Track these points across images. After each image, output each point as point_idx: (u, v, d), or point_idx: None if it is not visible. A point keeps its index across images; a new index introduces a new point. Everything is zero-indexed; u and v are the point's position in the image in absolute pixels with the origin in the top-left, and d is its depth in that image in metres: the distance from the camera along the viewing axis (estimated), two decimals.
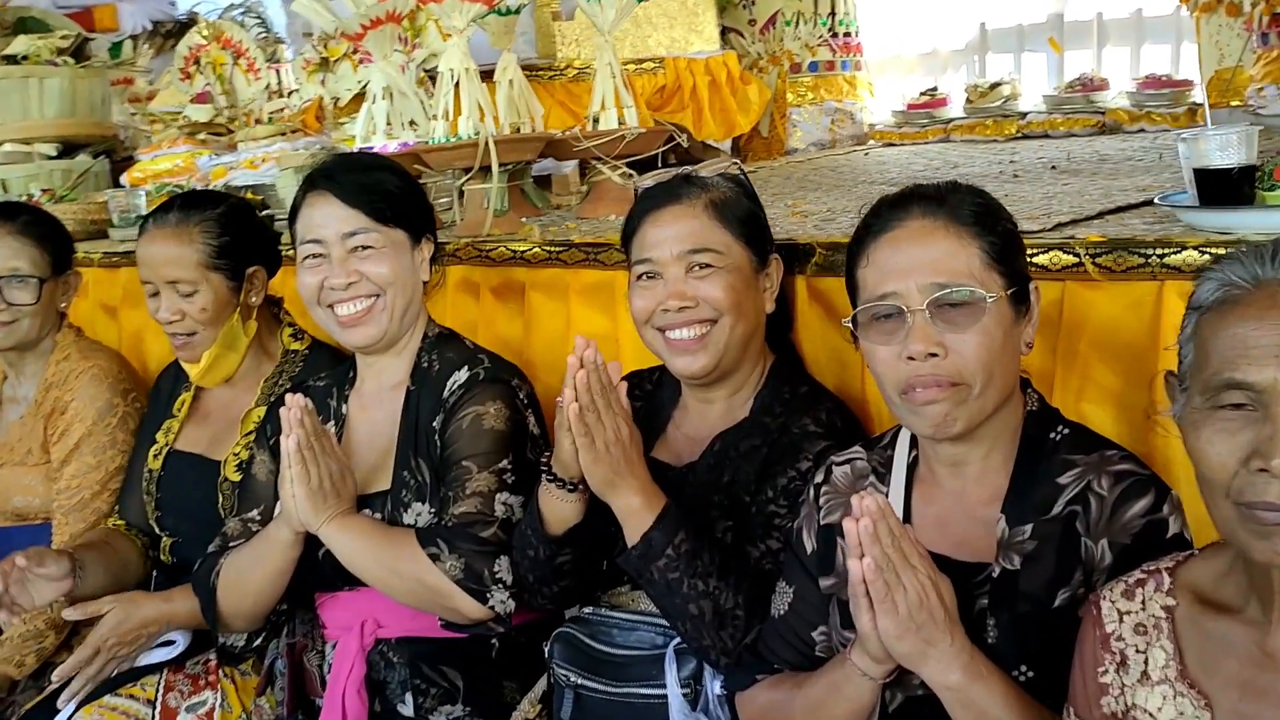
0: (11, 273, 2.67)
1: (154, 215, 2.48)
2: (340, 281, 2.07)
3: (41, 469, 2.72)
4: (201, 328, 2.43)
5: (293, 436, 1.91)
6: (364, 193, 2.07)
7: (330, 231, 2.07)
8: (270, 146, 3.61)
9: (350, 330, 2.11)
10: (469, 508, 1.97)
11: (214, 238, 2.43)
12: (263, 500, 2.22)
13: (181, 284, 2.40)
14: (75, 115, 3.96)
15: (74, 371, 2.72)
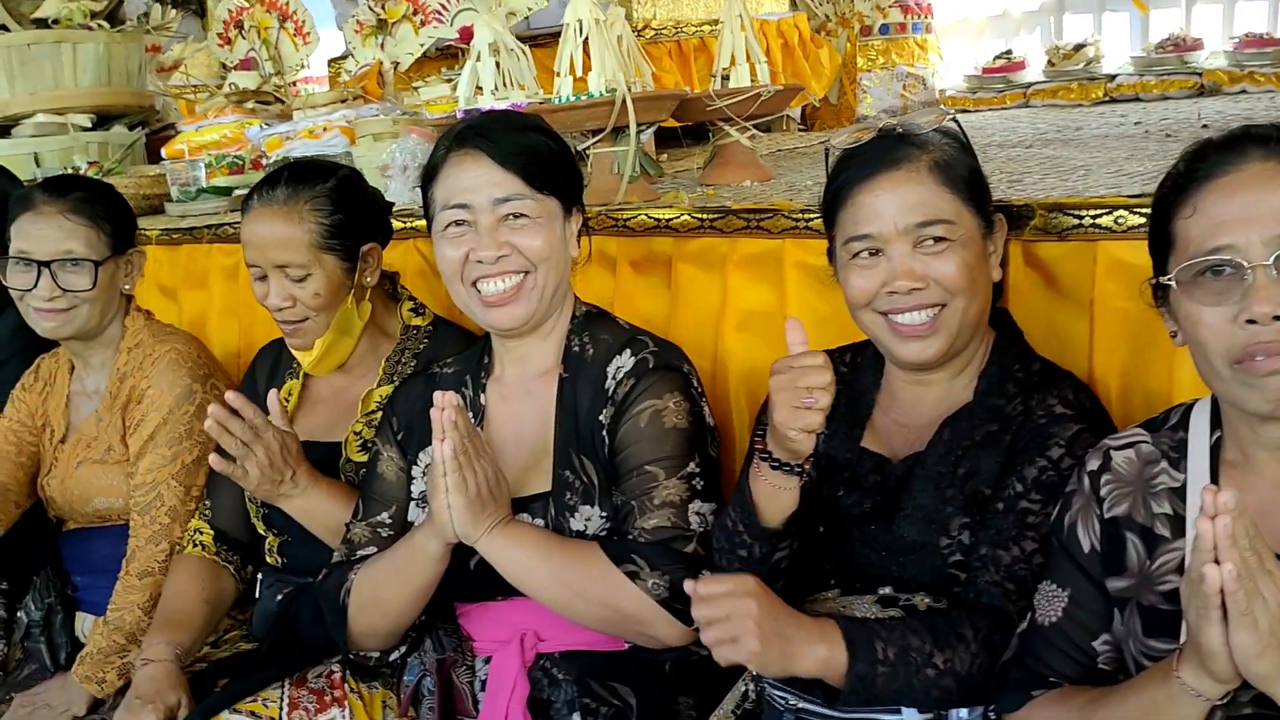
0: (64, 256, 2.41)
1: (258, 191, 2.22)
2: (489, 254, 1.83)
3: (123, 466, 2.46)
4: (314, 314, 2.20)
5: (448, 441, 1.67)
6: (520, 154, 1.83)
7: (481, 197, 1.83)
8: (332, 114, 3.36)
9: (496, 311, 1.87)
10: (662, 520, 1.75)
11: (326, 216, 2.18)
12: (393, 501, 1.99)
13: (292, 268, 2.16)
14: (111, 83, 3.68)
15: (148, 357, 2.47)
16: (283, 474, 2.06)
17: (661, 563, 1.71)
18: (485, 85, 2.52)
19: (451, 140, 1.88)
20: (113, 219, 2.48)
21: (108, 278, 2.46)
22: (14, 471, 2.57)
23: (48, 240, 2.42)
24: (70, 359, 2.61)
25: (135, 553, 2.38)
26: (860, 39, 4.24)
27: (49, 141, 3.59)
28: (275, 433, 2.04)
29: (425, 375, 2.05)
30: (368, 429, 2.23)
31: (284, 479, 2.07)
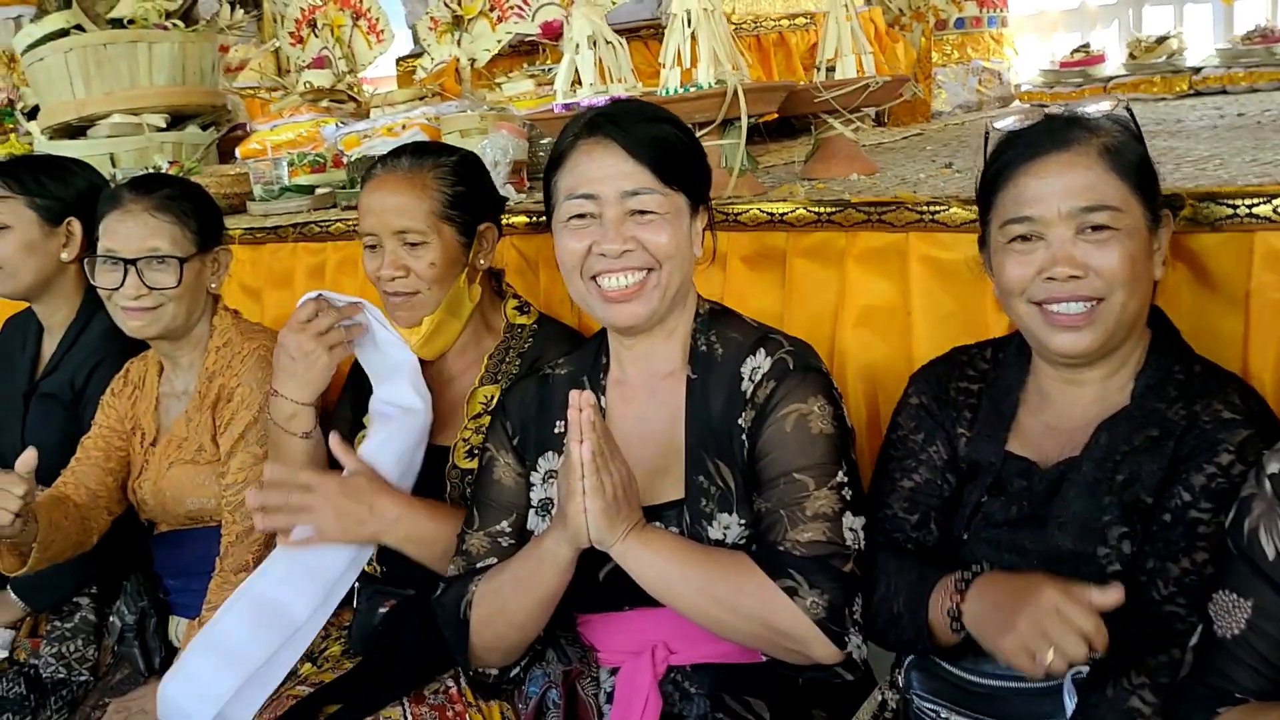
0: (150, 253, 2.38)
1: (382, 162, 2.23)
2: (614, 248, 1.76)
3: (214, 466, 2.43)
4: (426, 286, 2.16)
5: (587, 443, 1.60)
6: (652, 146, 1.77)
7: (610, 188, 1.77)
8: (411, 112, 3.32)
9: (616, 307, 1.80)
10: (817, 534, 1.68)
11: (448, 186, 2.18)
12: (512, 509, 1.93)
13: (411, 234, 2.14)
14: (185, 83, 3.65)
15: (236, 355, 2.44)
16: (356, 513, 1.99)
17: (820, 580, 1.64)
18: (584, 78, 2.46)
19: (581, 127, 1.81)
20: (199, 216, 2.45)
21: (193, 275, 2.42)
22: (103, 479, 2.54)
23: (133, 238, 2.39)
24: (159, 360, 2.58)
25: (228, 549, 2.35)
26: (935, 33, 4.16)
27: (125, 142, 3.57)
28: (327, 480, 1.97)
29: (537, 376, 1.99)
30: (476, 435, 2.18)
31: (364, 517, 1.99)
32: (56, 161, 2.88)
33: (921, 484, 1.76)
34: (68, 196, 2.75)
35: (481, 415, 2.19)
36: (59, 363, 2.78)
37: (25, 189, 2.70)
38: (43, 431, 2.77)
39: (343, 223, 2.82)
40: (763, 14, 3.77)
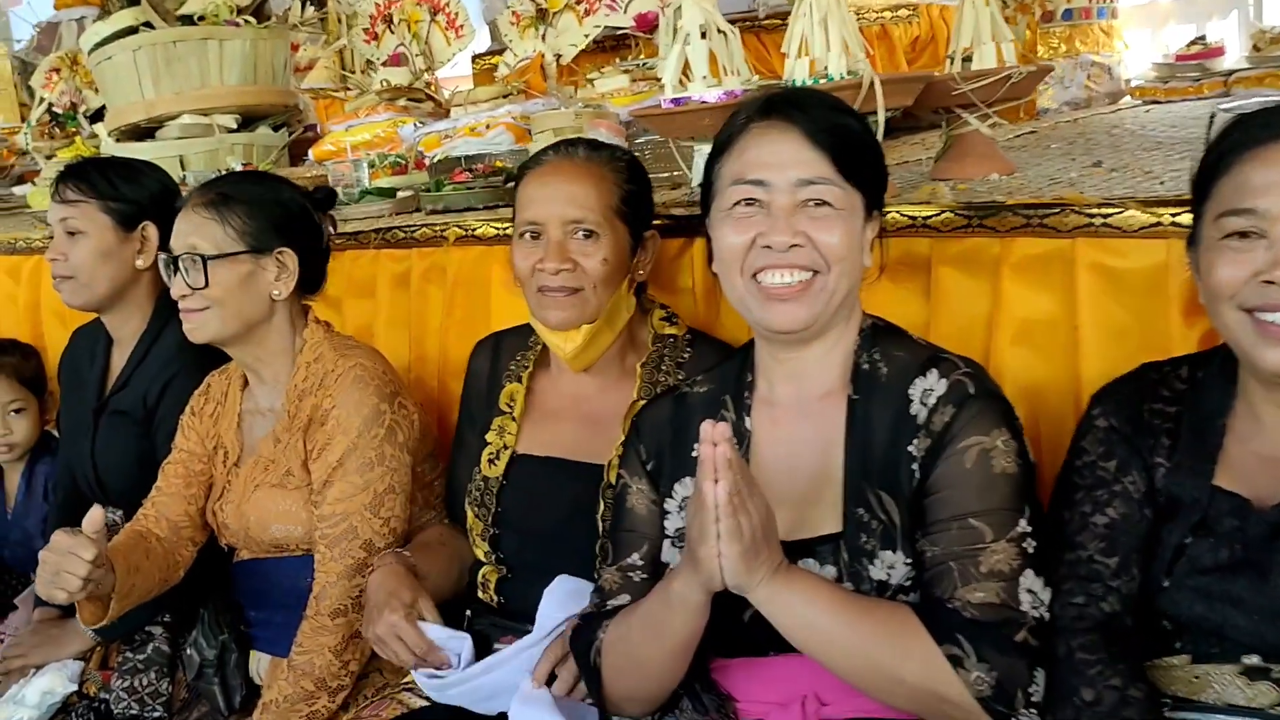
0: (189, 250, 2.20)
1: (553, 148, 2.10)
2: (782, 239, 1.56)
3: (303, 493, 2.25)
4: (592, 285, 2.00)
5: (723, 482, 1.40)
6: (834, 134, 1.57)
7: (783, 175, 1.57)
8: (495, 110, 3.14)
9: (776, 307, 1.59)
10: (990, 595, 1.47)
11: (624, 182, 2.04)
12: (644, 540, 1.74)
13: (584, 225, 1.99)
14: (256, 82, 3.49)
15: (330, 373, 2.25)
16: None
17: (988, 652, 1.43)
18: (697, 71, 2.26)
19: (754, 110, 1.62)
20: (252, 216, 2.24)
21: (235, 278, 2.21)
22: (185, 508, 2.37)
23: (180, 235, 2.24)
24: (242, 374, 2.41)
25: (326, 590, 2.16)
26: (1041, 25, 3.92)
27: (195, 144, 3.41)
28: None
29: (673, 396, 1.79)
30: None
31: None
32: (128, 163, 2.73)
33: (1118, 520, 1.54)
34: (142, 199, 2.60)
35: None
36: (129, 378, 2.62)
37: (99, 192, 2.55)
38: (113, 450, 2.62)
39: (429, 228, 2.64)
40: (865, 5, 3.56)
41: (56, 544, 1.98)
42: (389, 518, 2.19)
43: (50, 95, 5.76)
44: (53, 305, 3.58)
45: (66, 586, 1.97)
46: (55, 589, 1.99)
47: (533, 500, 2.06)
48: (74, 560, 1.96)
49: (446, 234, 2.61)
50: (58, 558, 1.98)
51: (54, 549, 1.98)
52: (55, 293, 3.53)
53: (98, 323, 2.77)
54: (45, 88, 5.81)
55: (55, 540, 1.99)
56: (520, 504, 2.08)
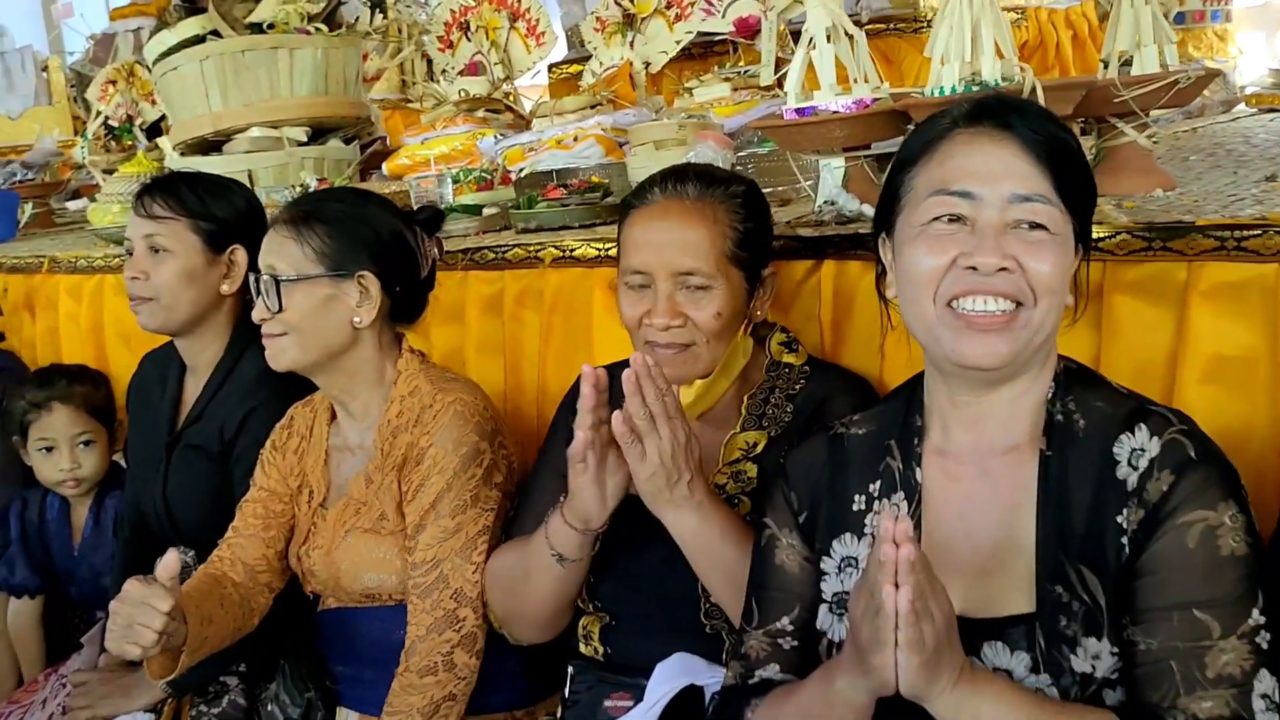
0: (268, 272, 2.05)
1: (659, 186, 1.88)
2: (989, 261, 1.35)
3: (397, 538, 2.07)
4: (705, 340, 1.82)
5: (906, 589, 1.22)
6: (1053, 147, 1.37)
7: (995, 190, 1.37)
8: (584, 122, 2.96)
9: (974, 339, 1.37)
10: (1219, 708, 1.26)
11: (740, 222, 1.84)
12: (795, 601, 1.55)
13: (695, 277, 1.79)
14: (328, 93, 3.32)
15: (427, 409, 2.07)
16: (680, 472, 1.67)
17: None
18: (824, 79, 2.07)
19: (962, 113, 1.43)
20: (335, 236, 2.07)
21: (314, 302, 2.04)
22: (263, 551, 2.20)
23: (262, 255, 2.09)
24: (329, 407, 2.23)
25: (415, 644, 1.99)
26: None
27: (264, 158, 3.25)
28: (685, 424, 1.68)
29: (826, 437, 1.59)
30: (732, 482, 1.84)
31: (679, 478, 1.68)
32: (217, 179, 2.57)
33: None
34: (231, 219, 2.43)
35: (740, 461, 1.86)
36: (205, 409, 2.46)
37: (188, 209, 2.38)
38: (187, 487, 2.46)
39: (522, 248, 2.45)
40: None
41: (129, 593, 1.81)
42: (480, 563, 2.01)
43: (106, 108, 5.65)
44: (117, 327, 3.44)
45: (140, 641, 1.80)
46: (127, 643, 1.81)
47: (633, 543, 1.88)
48: (149, 612, 1.79)
49: (542, 255, 2.42)
50: (131, 609, 1.80)
51: (126, 599, 1.81)
52: (120, 314, 3.42)
53: (170, 348, 2.61)
54: (101, 100, 5.70)
55: (128, 589, 1.82)
56: (620, 547, 1.89)
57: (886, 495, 1.49)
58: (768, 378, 1.92)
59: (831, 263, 2.05)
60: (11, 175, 5.15)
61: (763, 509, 1.61)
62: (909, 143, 1.49)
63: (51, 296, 3.69)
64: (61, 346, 3.61)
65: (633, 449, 1.63)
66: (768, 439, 1.86)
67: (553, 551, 1.81)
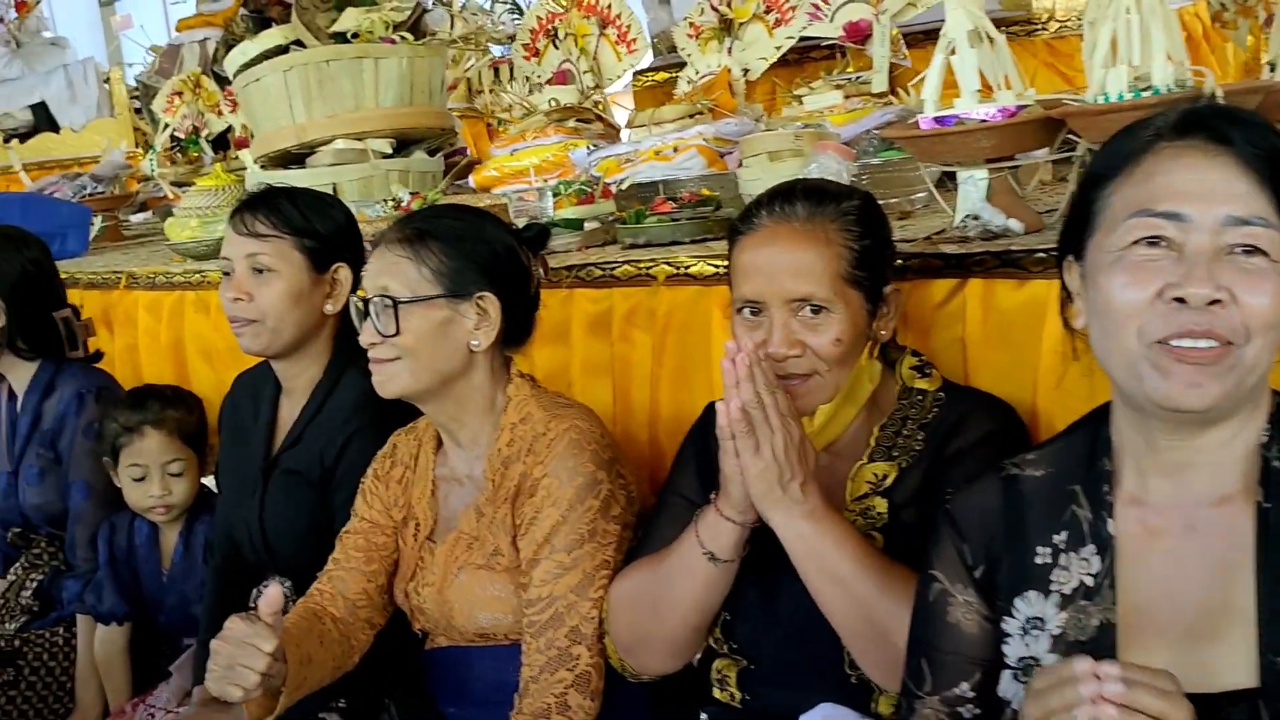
0: (380, 293, 1.94)
1: (766, 208, 1.76)
2: (1201, 293, 1.20)
3: (514, 574, 1.96)
4: (826, 368, 1.71)
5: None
6: (1276, 165, 1.24)
7: (1209, 211, 1.22)
8: (684, 132, 2.84)
9: (1182, 377, 1.22)
10: None
11: (855, 240, 1.72)
12: (974, 666, 1.41)
13: (812, 303, 1.69)
14: (413, 103, 3.23)
15: (540, 436, 1.96)
16: (793, 470, 1.61)
17: None
18: (966, 85, 1.94)
19: (1167, 125, 1.28)
20: (453, 255, 1.97)
21: (432, 325, 1.94)
22: (364, 585, 2.10)
23: (371, 275, 1.98)
24: (435, 435, 2.13)
25: (528, 685, 1.88)
26: (1264, 30, 3.52)
27: (349, 171, 3.16)
28: (798, 422, 1.63)
29: (999, 479, 1.45)
30: (861, 519, 1.72)
31: (792, 477, 1.61)
32: (317, 194, 2.47)
33: None
34: (334, 236, 2.34)
35: (868, 496, 1.74)
36: (302, 433, 2.36)
37: (293, 227, 2.28)
38: (285, 514, 2.36)
39: (632, 265, 2.34)
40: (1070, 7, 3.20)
41: (232, 631, 1.72)
42: (598, 599, 1.89)
43: (172, 120, 5.61)
44: (198, 343, 3.36)
45: (242, 683, 1.71)
46: (228, 685, 1.72)
47: (768, 583, 1.76)
48: (252, 653, 1.70)
49: (654, 272, 2.31)
50: (233, 648, 1.71)
51: (229, 638, 1.72)
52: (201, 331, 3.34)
53: (264, 368, 2.51)
54: (167, 112, 5.66)
55: (231, 627, 1.73)
56: (755, 587, 1.77)
57: (1074, 549, 1.36)
58: (900, 406, 1.80)
59: (978, 282, 1.91)
60: (81, 189, 5.10)
61: (930, 560, 1.48)
62: (1103, 157, 1.35)
63: (130, 313, 3.62)
64: (141, 364, 3.54)
65: (746, 441, 1.58)
66: (898, 470, 1.74)
67: (705, 550, 1.71)
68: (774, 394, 1.58)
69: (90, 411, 2.81)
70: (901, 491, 1.72)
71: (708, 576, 1.73)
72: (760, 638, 1.78)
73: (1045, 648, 1.33)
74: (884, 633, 1.57)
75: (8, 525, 2.96)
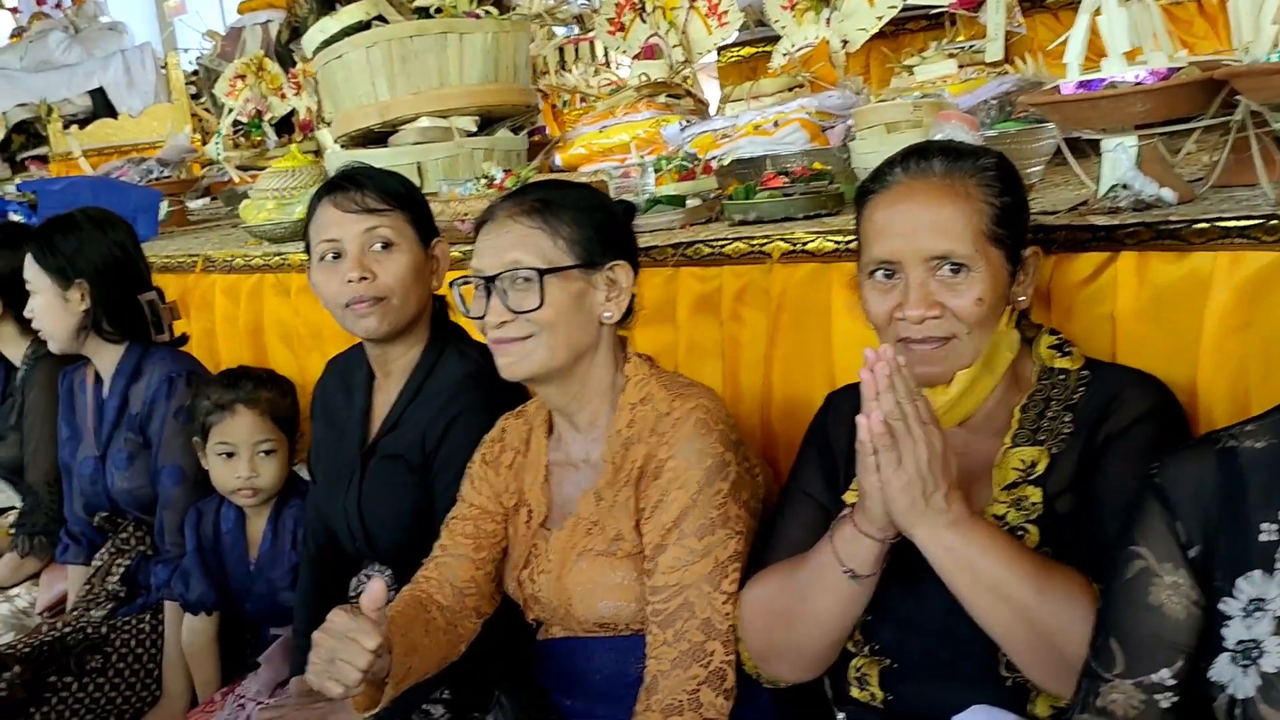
0: (510, 267, 1.84)
1: (901, 164, 1.68)
2: None
3: (636, 561, 1.87)
4: (966, 330, 1.62)
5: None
6: None
7: None
8: (784, 105, 2.75)
9: None
10: None
11: (995, 196, 1.63)
12: (1178, 652, 1.32)
13: (951, 259, 1.60)
14: (497, 80, 3.14)
15: (665, 416, 1.87)
16: (936, 482, 1.51)
17: None
18: (1114, 46, 1.83)
19: None
20: (581, 225, 1.88)
21: (569, 299, 1.86)
22: (472, 572, 2.02)
23: (495, 250, 1.87)
24: (546, 418, 2.05)
25: (657, 680, 1.79)
26: None
27: (434, 149, 3.08)
28: (940, 430, 1.52)
29: (1213, 451, 1.33)
30: (1013, 510, 1.61)
31: (936, 489, 1.51)
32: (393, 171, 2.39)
33: None
34: (428, 213, 2.26)
35: (1019, 485, 1.63)
36: (400, 418, 2.28)
37: (402, 200, 2.21)
38: (384, 500, 2.29)
39: (744, 242, 2.25)
40: None
41: (334, 625, 1.65)
42: (731, 593, 1.80)
43: (234, 103, 5.57)
44: (278, 328, 3.31)
45: (344, 679, 1.63)
46: (330, 680, 1.65)
47: (913, 579, 1.66)
48: (354, 649, 1.63)
49: (768, 249, 2.22)
50: (335, 642, 1.64)
51: (331, 631, 1.65)
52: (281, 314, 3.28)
53: (354, 354, 2.44)
54: (229, 95, 5.62)
55: (333, 621, 1.65)
56: (898, 584, 1.68)
57: None
58: (1040, 386, 1.69)
59: (1131, 255, 1.80)
60: (148, 173, 5.07)
61: (1132, 535, 1.37)
62: None
63: (207, 296, 3.57)
64: (219, 348, 3.49)
65: (888, 455, 1.48)
66: (1049, 457, 1.63)
67: (845, 568, 1.61)
68: (915, 402, 1.49)
69: (181, 395, 2.76)
70: (1055, 480, 1.62)
71: (848, 593, 1.64)
72: (904, 637, 1.68)
73: (1269, 630, 1.24)
74: (1048, 637, 1.48)
75: (94, 510, 2.92)
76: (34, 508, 3.11)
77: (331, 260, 2.20)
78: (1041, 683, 1.53)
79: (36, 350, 3.21)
